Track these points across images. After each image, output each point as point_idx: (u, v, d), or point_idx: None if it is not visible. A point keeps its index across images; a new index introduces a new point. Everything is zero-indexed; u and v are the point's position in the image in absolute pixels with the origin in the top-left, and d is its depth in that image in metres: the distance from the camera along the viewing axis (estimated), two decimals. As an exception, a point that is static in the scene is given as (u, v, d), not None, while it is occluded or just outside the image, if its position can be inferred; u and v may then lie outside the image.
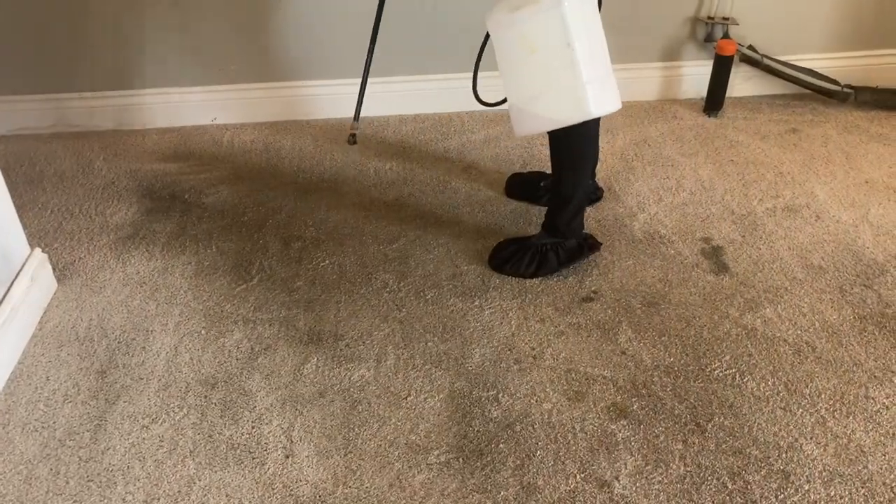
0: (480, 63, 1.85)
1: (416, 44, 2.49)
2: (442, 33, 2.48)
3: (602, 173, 2.24)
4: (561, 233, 1.86)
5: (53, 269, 1.88)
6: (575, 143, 1.76)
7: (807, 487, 1.37)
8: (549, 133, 1.76)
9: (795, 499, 1.35)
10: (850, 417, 1.50)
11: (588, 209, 2.10)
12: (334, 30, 2.45)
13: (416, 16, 2.44)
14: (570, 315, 1.75)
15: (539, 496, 1.36)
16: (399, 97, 2.58)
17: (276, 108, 2.58)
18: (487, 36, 1.74)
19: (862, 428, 1.48)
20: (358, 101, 1.87)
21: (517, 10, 1.59)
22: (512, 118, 1.72)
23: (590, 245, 1.89)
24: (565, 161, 1.80)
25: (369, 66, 1.85)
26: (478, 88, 1.86)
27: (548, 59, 1.60)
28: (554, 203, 1.86)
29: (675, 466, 1.41)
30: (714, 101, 2.57)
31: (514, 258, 1.87)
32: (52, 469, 1.42)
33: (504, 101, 1.78)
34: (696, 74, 2.64)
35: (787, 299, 1.79)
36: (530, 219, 2.08)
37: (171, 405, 1.55)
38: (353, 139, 1.86)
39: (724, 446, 1.44)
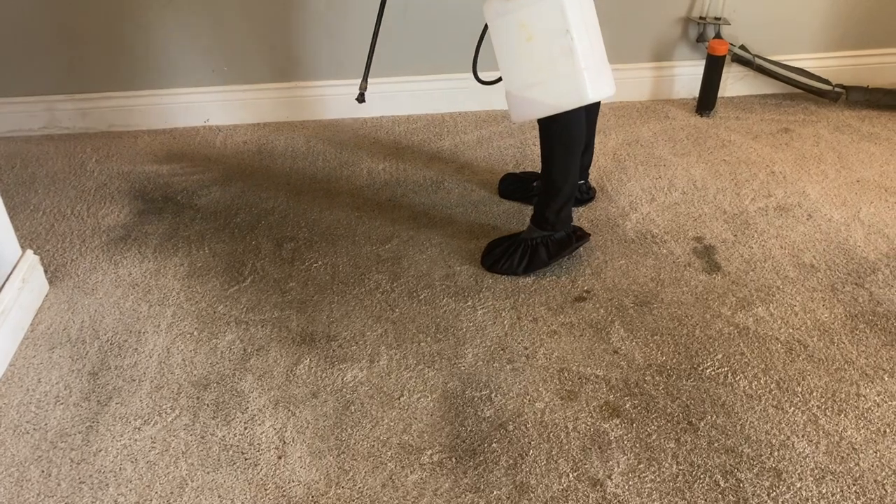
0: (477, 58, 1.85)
1: (409, 45, 2.49)
2: (435, 34, 2.48)
3: (594, 173, 2.25)
4: (550, 224, 1.86)
5: (45, 271, 1.88)
6: (564, 130, 1.77)
7: (799, 485, 1.37)
8: (539, 122, 1.77)
9: (787, 496, 1.35)
10: (842, 415, 1.50)
11: (581, 209, 2.11)
12: (327, 31, 2.45)
13: (408, 17, 2.44)
14: (562, 315, 1.76)
15: (532, 495, 1.36)
16: (392, 98, 2.58)
17: (268, 109, 2.58)
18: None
19: (853, 426, 1.48)
20: (366, 67, 1.87)
21: None
22: (509, 105, 1.72)
23: (578, 236, 1.89)
24: (555, 149, 1.80)
25: (378, 29, 1.85)
26: (475, 78, 1.87)
27: (545, 46, 1.61)
28: (543, 194, 1.86)
29: (667, 465, 1.41)
30: (706, 100, 2.57)
31: (505, 256, 1.87)
32: (43, 471, 1.42)
33: (500, 79, 1.79)
34: (688, 74, 2.65)
35: (779, 298, 1.80)
36: (523, 218, 2.08)
37: (164, 406, 1.54)
38: (361, 98, 1.88)
39: (716, 444, 1.45)
